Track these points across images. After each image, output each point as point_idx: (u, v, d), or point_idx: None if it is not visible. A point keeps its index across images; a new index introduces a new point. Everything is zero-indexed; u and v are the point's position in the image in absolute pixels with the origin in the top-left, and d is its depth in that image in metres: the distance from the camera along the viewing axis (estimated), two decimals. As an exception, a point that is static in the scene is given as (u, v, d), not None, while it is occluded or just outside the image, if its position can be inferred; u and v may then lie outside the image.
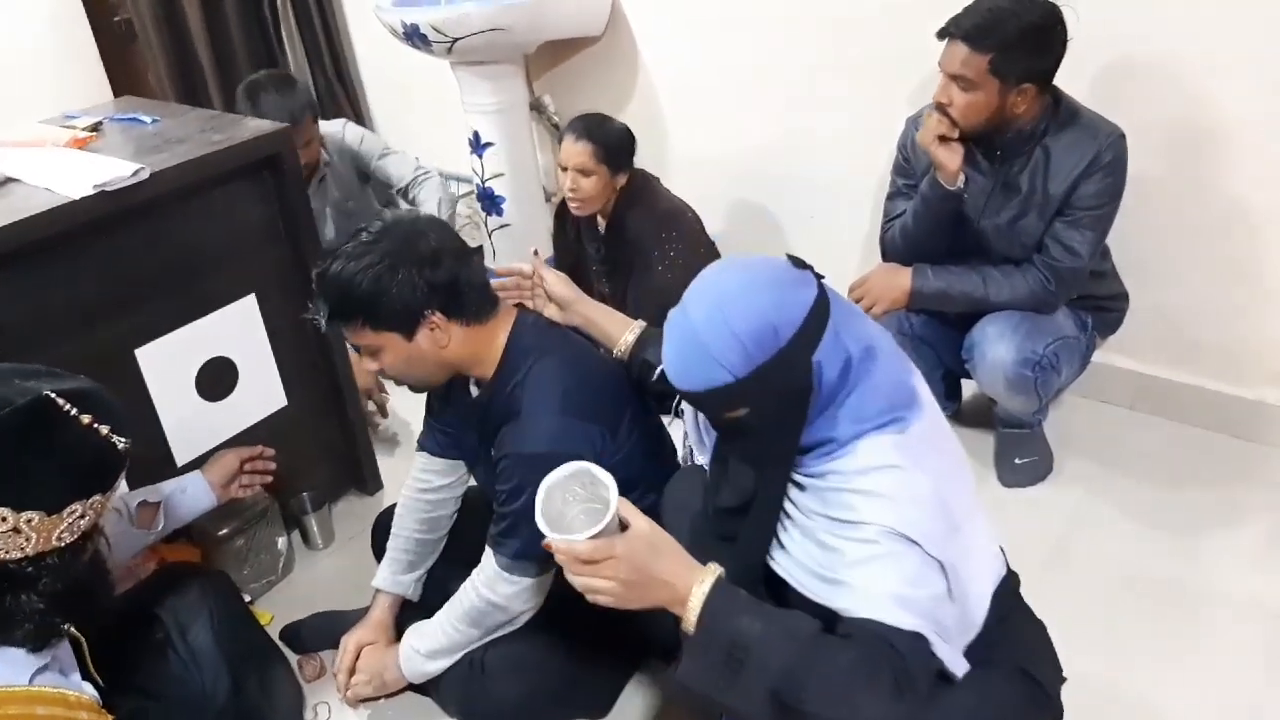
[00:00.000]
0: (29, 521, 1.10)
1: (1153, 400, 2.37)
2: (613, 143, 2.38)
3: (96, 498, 1.17)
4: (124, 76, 3.29)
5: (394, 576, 1.83)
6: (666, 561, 1.14)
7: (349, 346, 1.90)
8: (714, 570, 1.15)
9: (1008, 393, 2.02)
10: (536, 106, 3.10)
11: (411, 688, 1.77)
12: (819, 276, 1.22)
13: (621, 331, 1.66)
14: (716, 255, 2.60)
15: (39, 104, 2.37)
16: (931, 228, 2.01)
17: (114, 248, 1.73)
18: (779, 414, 1.19)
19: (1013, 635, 1.29)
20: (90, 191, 1.65)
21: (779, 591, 1.25)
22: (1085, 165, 1.88)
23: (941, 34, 1.86)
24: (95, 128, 2.01)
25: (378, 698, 1.78)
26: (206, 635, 1.55)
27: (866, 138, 2.49)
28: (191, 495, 1.74)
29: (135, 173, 1.69)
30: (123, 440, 1.19)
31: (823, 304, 1.17)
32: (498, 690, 1.65)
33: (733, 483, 1.30)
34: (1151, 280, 2.22)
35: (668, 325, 1.21)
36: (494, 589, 1.58)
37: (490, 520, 1.66)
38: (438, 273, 1.47)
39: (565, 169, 2.39)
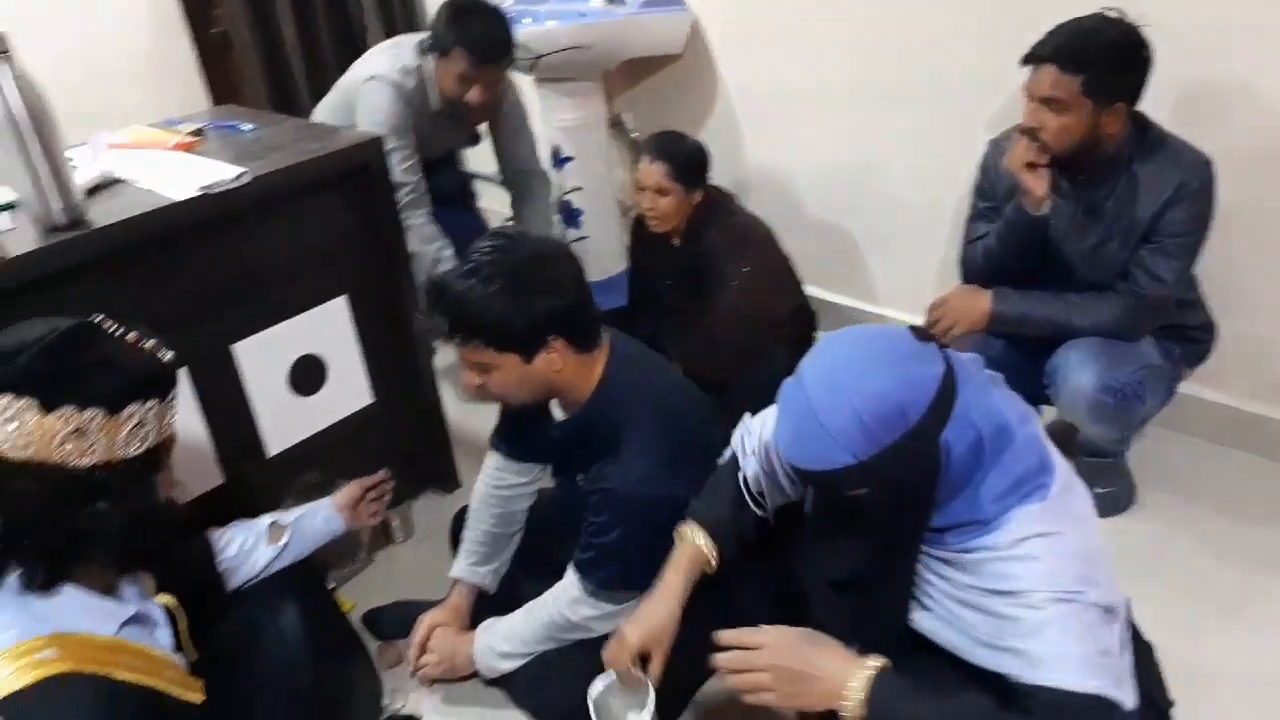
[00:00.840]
0: (92, 420, 1.13)
1: (1239, 434, 2.31)
2: (687, 161, 2.40)
3: (153, 404, 1.20)
4: (221, 85, 3.40)
5: (470, 567, 1.87)
6: (821, 651, 1.12)
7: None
8: (874, 659, 1.12)
9: (1089, 420, 1.99)
10: (616, 123, 3.15)
11: (481, 678, 1.80)
12: (943, 347, 1.16)
13: None
14: (790, 273, 2.61)
15: (143, 110, 2.48)
16: (1015, 251, 2.00)
17: (215, 247, 1.81)
18: (903, 494, 1.14)
19: (1136, 661, 1.25)
20: (195, 193, 1.72)
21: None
22: (1172, 191, 1.85)
23: (1028, 59, 1.85)
24: (198, 133, 2.09)
25: (447, 680, 1.82)
26: (295, 619, 1.59)
27: (946, 158, 2.48)
28: (321, 519, 1.77)
29: (238, 176, 1.76)
30: (168, 353, 1.25)
31: (951, 381, 1.11)
32: (568, 692, 1.66)
33: (842, 558, 1.27)
34: (1240, 311, 2.17)
35: (782, 397, 1.17)
36: (576, 610, 1.63)
37: (561, 524, 1.69)
38: (563, 301, 1.49)
39: (643, 189, 2.43)
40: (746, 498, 1.51)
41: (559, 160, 2.98)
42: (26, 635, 1.11)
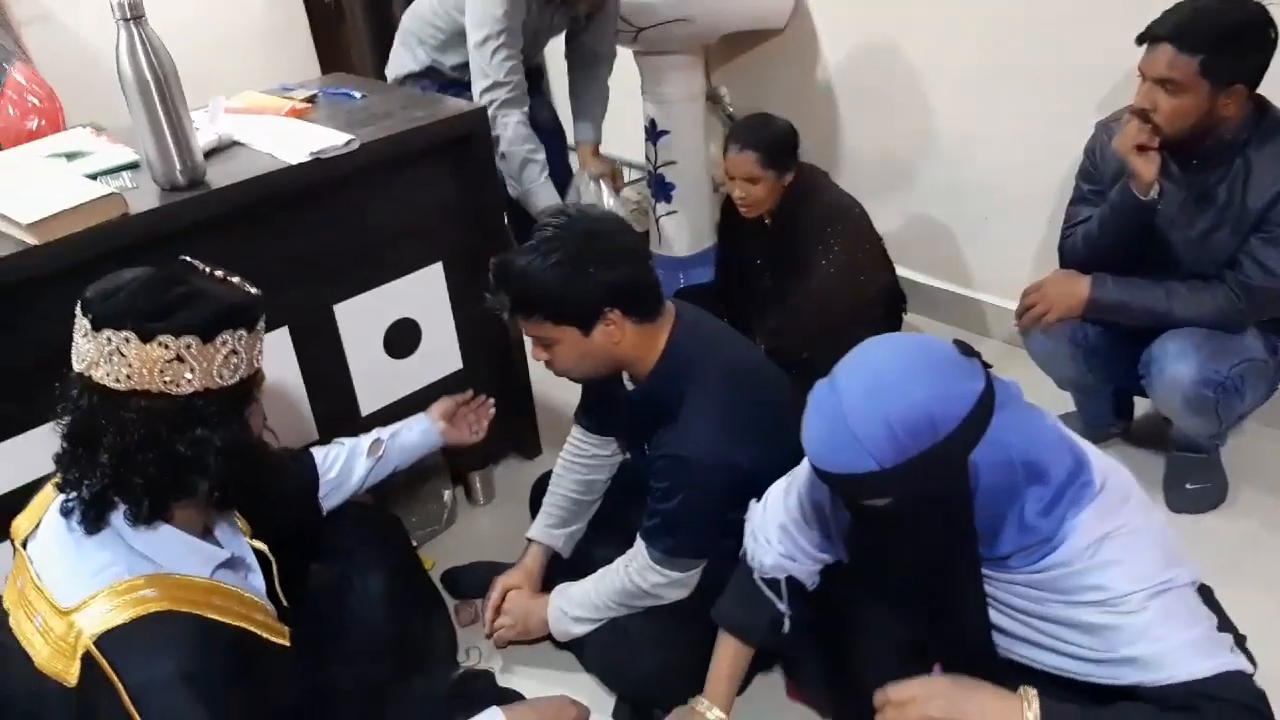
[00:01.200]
0: (188, 347, 1.18)
1: (1345, 435, 2.23)
2: (776, 146, 2.37)
3: (243, 333, 1.25)
4: (331, 54, 3.52)
5: (548, 530, 1.93)
6: (975, 693, 1.12)
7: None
8: (1031, 693, 1.12)
9: (1185, 413, 1.94)
10: (713, 97, 3.14)
11: (553, 641, 1.86)
12: (987, 366, 1.14)
13: None
14: (882, 253, 2.59)
15: (256, 77, 2.58)
16: (1118, 237, 1.94)
17: (323, 211, 1.88)
18: (930, 511, 1.13)
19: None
20: (307, 158, 1.79)
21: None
22: (1289, 180, 1.79)
23: (1143, 38, 1.79)
24: (310, 100, 2.16)
25: (521, 642, 1.88)
26: (380, 574, 1.67)
27: (1046, 141, 2.43)
28: (418, 431, 1.86)
29: (347, 143, 1.83)
30: (254, 289, 1.32)
31: (988, 400, 1.09)
32: (640, 658, 1.71)
33: (887, 579, 1.28)
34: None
35: (813, 399, 1.16)
36: (644, 578, 1.66)
37: (635, 493, 1.73)
38: (619, 272, 1.53)
39: (733, 178, 2.41)
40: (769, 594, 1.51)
41: (655, 134, 3.00)
42: (127, 574, 1.17)
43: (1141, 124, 1.83)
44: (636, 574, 1.66)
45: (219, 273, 1.32)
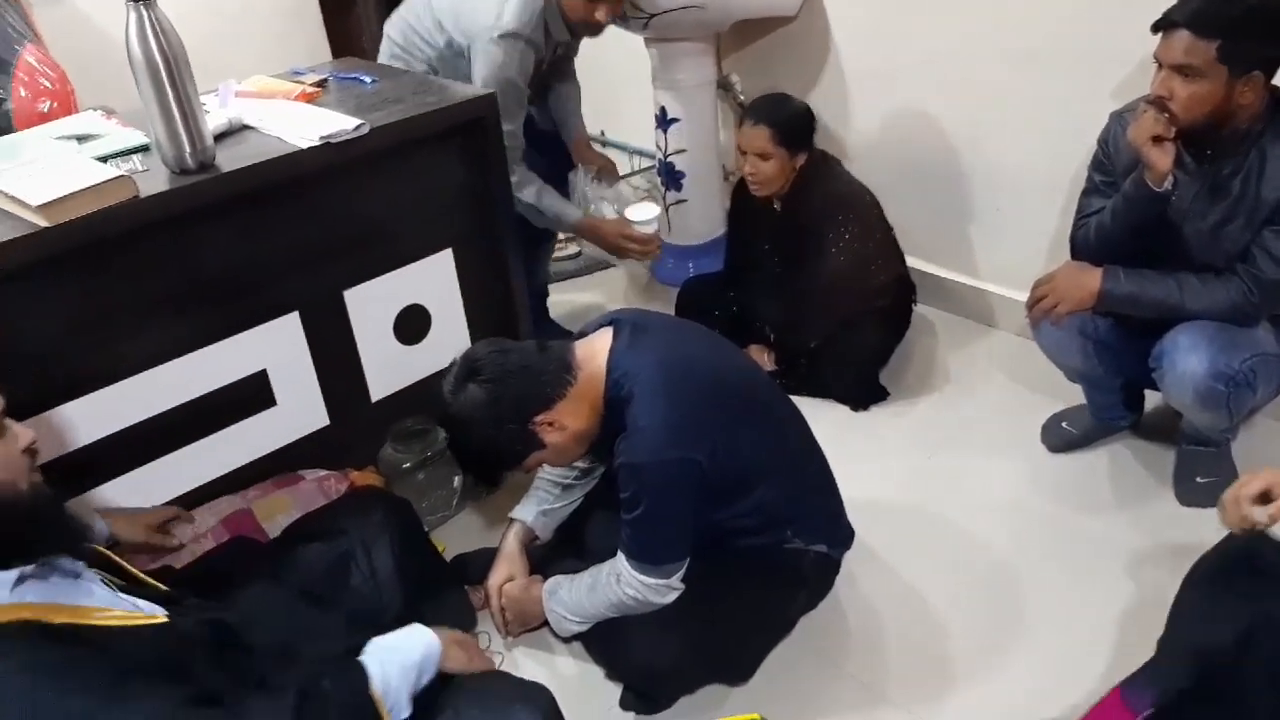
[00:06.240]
0: None
1: (1357, 430, 2.21)
2: (792, 124, 2.38)
3: None
4: (342, 39, 3.51)
5: (527, 508, 1.93)
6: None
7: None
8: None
9: (1196, 407, 1.92)
10: (724, 85, 3.13)
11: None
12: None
13: None
14: (892, 243, 2.58)
15: (268, 60, 2.58)
16: (1130, 229, 1.93)
17: (333, 196, 1.88)
18: None
19: None
20: (317, 142, 1.79)
21: None
22: (1305, 172, 1.77)
23: (1159, 25, 1.78)
24: (321, 84, 2.16)
25: (531, 629, 1.88)
26: (388, 555, 1.67)
27: (1060, 131, 2.41)
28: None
29: (357, 127, 1.83)
30: None
31: None
32: (641, 648, 1.70)
33: None
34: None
35: None
36: (628, 586, 1.64)
37: None
38: (526, 402, 1.56)
39: (745, 152, 2.41)
40: None
41: (665, 121, 2.99)
42: None
43: (1157, 114, 1.81)
44: (619, 583, 1.65)
45: None
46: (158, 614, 1.21)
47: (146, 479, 1.81)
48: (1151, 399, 2.27)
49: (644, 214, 2.49)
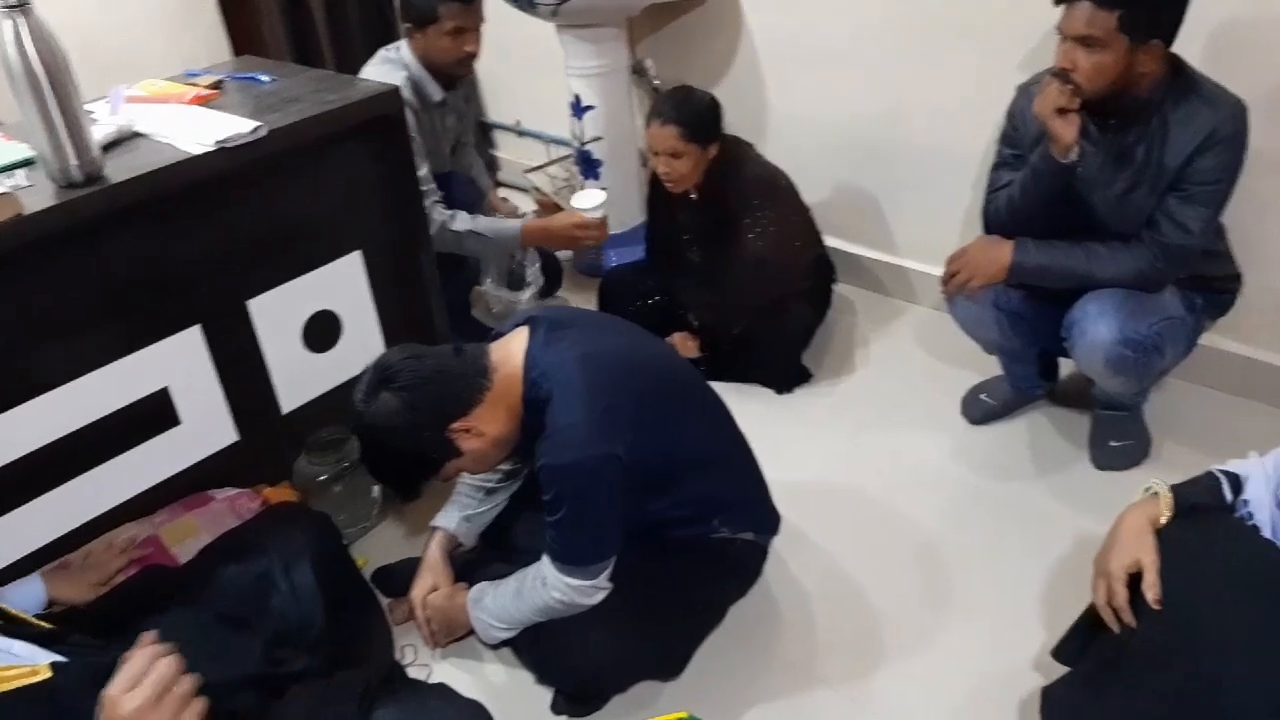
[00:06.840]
0: None
1: (1260, 386, 2.28)
2: (700, 119, 2.35)
3: None
4: (243, 36, 3.39)
5: (452, 515, 1.90)
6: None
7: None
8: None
9: (1107, 373, 1.97)
10: (638, 70, 3.11)
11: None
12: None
13: None
14: (810, 223, 2.59)
15: (165, 61, 2.48)
16: (1039, 201, 1.95)
17: (231, 202, 1.82)
18: None
19: None
20: (212, 147, 1.72)
21: None
22: (1203, 138, 1.80)
23: (1060, -2, 1.80)
24: (216, 85, 2.09)
25: (458, 639, 1.85)
26: (308, 572, 1.63)
27: (970, 106, 2.44)
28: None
29: (254, 130, 1.77)
30: None
31: None
32: (571, 649, 1.69)
33: None
34: (1267, 261, 2.13)
35: None
36: (555, 589, 1.61)
37: None
38: (427, 408, 1.52)
39: (657, 153, 2.38)
40: None
41: (579, 109, 2.96)
42: None
43: (1061, 86, 1.83)
44: (545, 587, 1.62)
45: None
46: (38, 663, 1.15)
47: (42, 511, 1.72)
48: (1066, 366, 2.32)
49: (591, 200, 2.47)
